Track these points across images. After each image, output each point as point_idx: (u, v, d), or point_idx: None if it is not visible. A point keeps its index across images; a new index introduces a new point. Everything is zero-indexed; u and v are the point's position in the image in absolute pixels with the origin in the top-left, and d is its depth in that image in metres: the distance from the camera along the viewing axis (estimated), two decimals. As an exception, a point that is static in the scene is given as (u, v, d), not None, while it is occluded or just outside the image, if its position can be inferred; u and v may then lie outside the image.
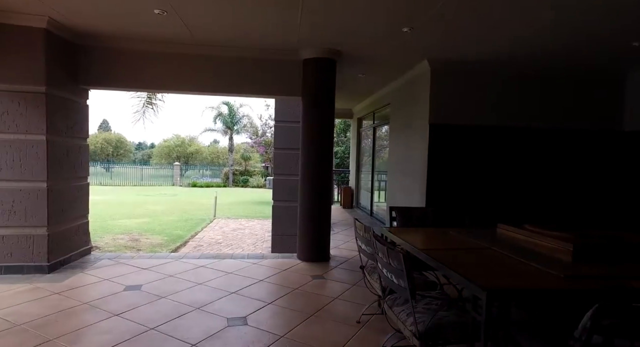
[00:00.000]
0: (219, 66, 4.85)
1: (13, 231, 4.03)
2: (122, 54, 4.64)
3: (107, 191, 21.44)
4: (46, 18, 3.89)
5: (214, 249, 7.96)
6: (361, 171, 10.33)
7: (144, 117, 9.36)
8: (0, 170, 3.98)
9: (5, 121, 3.96)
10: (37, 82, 4.01)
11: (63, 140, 4.34)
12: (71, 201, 4.52)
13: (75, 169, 4.61)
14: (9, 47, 3.95)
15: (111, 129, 53.26)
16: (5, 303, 3.29)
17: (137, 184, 26.80)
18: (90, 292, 3.61)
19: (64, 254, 4.36)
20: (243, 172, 29.32)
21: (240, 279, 4.14)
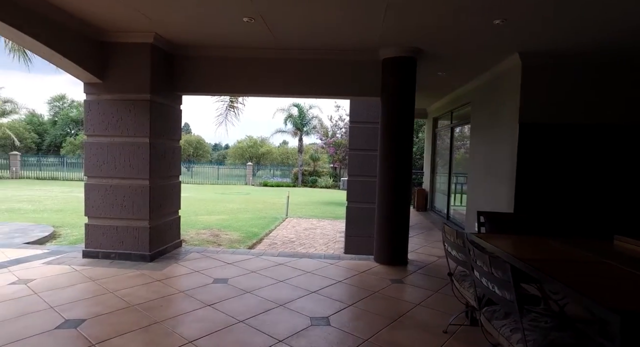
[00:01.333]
0: (300, 69, 4.97)
1: (123, 222, 4.57)
2: (211, 61, 4.99)
3: (188, 188, 23.39)
4: (152, 34, 4.34)
5: (287, 248, 8.22)
6: (436, 173, 9.89)
7: (226, 120, 10.02)
8: (115, 169, 4.53)
9: (120, 126, 4.51)
10: (143, 91, 4.49)
11: (161, 142, 4.80)
12: (167, 197, 4.98)
13: (170, 168, 5.08)
14: (124, 62, 4.49)
15: (191, 131, 58.18)
16: (122, 285, 3.74)
17: (213, 182, 28.80)
18: (184, 282, 3.93)
19: (161, 245, 4.82)
20: (312, 173, 29.94)
21: (319, 278, 4.19)
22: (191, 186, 25.18)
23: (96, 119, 4.57)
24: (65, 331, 2.77)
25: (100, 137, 4.58)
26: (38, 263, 4.41)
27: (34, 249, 5.88)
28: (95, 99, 4.58)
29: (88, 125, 4.60)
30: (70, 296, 3.43)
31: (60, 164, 28.98)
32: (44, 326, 2.84)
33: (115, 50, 4.49)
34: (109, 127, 4.55)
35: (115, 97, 4.54)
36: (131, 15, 3.86)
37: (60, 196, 15.62)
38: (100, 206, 4.60)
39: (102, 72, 4.48)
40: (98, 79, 4.46)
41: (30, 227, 7.98)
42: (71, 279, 3.91)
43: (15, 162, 24.58)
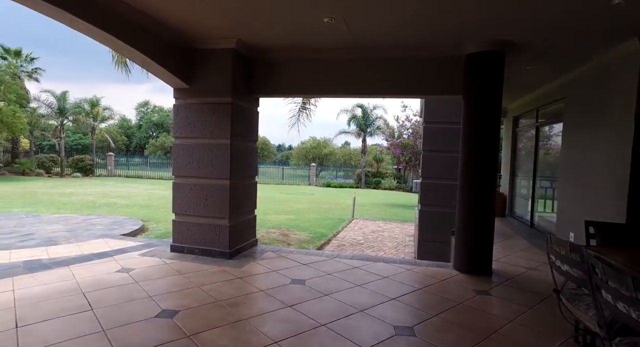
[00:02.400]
0: (377, 68, 4.85)
1: (206, 220, 4.82)
2: (289, 63, 5.06)
3: None
4: (235, 39, 4.52)
5: (356, 250, 8.12)
6: (517, 176, 9.09)
7: (299, 121, 10.26)
8: (199, 169, 4.81)
9: (204, 128, 4.77)
10: (226, 94, 4.70)
11: (241, 143, 4.98)
12: (245, 197, 5.17)
13: (248, 169, 5.26)
14: (208, 68, 4.74)
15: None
16: (206, 280, 3.93)
17: (278, 182, 29.69)
18: (263, 281, 4.02)
19: (239, 243, 5.00)
20: (375, 174, 29.52)
21: (397, 284, 4.03)
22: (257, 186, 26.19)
23: (183, 122, 4.89)
24: (163, 320, 2.96)
25: (186, 139, 4.89)
26: (135, 254, 4.83)
27: (129, 240, 6.51)
28: (182, 103, 4.90)
29: (176, 127, 4.93)
30: (163, 288, 3.69)
31: (144, 164, 32.07)
32: (145, 313, 3.07)
33: (200, 57, 4.75)
34: (194, 129, 4.84)
35: (199, 101, 4.82)
36: (217, 22, 4.06)
37: (145, 192, 17.22)
38: (185, 204, 4.91)
39: (189, 78, 4.77)
40: (185, 84, 4.76)
41: (124, 220, 8.86)
42: (162, 271, 4.20)
43: (110, 162, 27.68)
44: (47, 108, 25.75)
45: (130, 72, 6.90)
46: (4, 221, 8.16)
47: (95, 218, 8.97)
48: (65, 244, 6.31)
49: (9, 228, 7.42)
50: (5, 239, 6.53)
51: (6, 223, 7.93)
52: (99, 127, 29.72)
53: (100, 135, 30.75)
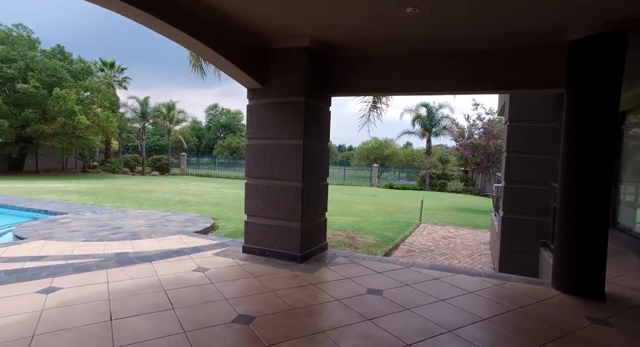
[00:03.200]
0: (460, 62, 4.41)
1: (277, 222, 4.76)
2: (363, 60, 4.81)
3: None
4: (308, 37, 4.39)
5: (427, 257, 7.63)
6: (621, 181, 7.87)
7: (369, 121, 10.00)
8: (272, 170, 4.76)
9: (277, 129, 4.71)
10: (299, 93, 4.59)
11: (313, 144, 4.84)
12: (316, 200, 5.02)
13: (320, 170, 5.10)
14: (281, 67, 4.67)
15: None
16: (279, 284, 3.83)
17: (339, 183, 29.60)
18: (338, 289, 3.81)
19: (310, 247, 4.87)
20: (440, 176, 28.16)
21: (486, 302, 3.58)
22: (319, 186, 26.34)
23: (256, 122, 4.88)
24: (240, 326, 2.89)
25: (259, 140, 4.87)
26: (209, 254, 4.93)
27: (202, 238, 6.75)
28: (255, 103, 4.90)
29: (249, 128, 4.94)
30: (238, 290, 3.65)
31: (212, 163, 34.04)
32: (223, 316, 3.02)
33: (274, 56, 4.70)
34: (267, 130, 4.80)
35: (272, 101, 4.77)
36: (292, 20, 3.95)
37: (214, 191, 18.11)
38: (257, 206, 4.89)
39: (263, 78, 4.74)
40: (259, 85, 4.74)
41: (197, 218, 9.29)
42: (236, 272, 4.20)
43: (183, 161, 29.77)
44: (133, 112, 28.45)
45: (205, 75, 7.18)
46: (99, 214, 9.00)
47: (171, 215, 9.52)
48: (146, 238, 6.73)
49: (103, 221, 8.14)
50: (100, 231, 7.15)
51: (101, 216, 8.72)
52: (174, 129, 32.12)
53: (175, 136, 33.20)
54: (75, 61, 22.50)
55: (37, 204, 10.40)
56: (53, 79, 20.11)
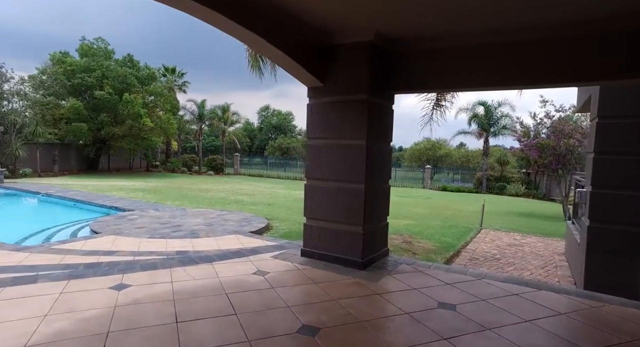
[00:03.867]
0: (544, 51, 3.90)
1: (338, 226, 4.56)
2: (433, 54, 4.46)
3: None
4: (373, 31, 4.14)
5: (493, 267, 7.02)
6: None
7: (431, 120, 9.52)
8: (332, 171, 4.58)
9: (338, 128, 4.52)
10: (361, 91, 4.35)
11: (376, 144, 4.59)
12: (379, 203, 4.75)
13: (382, 172, 4.83)
14: (343, 63, 4.47)
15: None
16: (342, 292, 3.63)
17: (390, 184, 28.79)
18: (405, 301, 3.52)
19: (372, 253, 4.61)
20: (498, 178, 26.43)
21: (585, 328, 3.09)
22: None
23: (317, 122, 4.72)
24: (305, 337, 2.72)
25: (320, 140, 4.71)
26: (268, 256, 4.86)
27: (257, 238, 6.77)
28: (316, 102, 4.74)
29: (310, 128, 4.79)
30: (300, 297, 3.50)
31: (263, 164, 34.84)
32: (286, 326, 2.88)
33: (335, 52, 4.51)
34: (328, 129, 4.62)
35: (333, 99, 4.58)
36: (357, 13, 3.72)
37: (266, 191, 18.43)
38: (317, 208, 4.73)
39: (324, 75, 4.57)
40: (320, 82, 4.57)
41: (251, 218, 9.40)
42: (296, 278, 4.06)
43: (236, 161, 30.81)
44: (191, 115, 29.98)
45: (262, 76, 7.21)
46: (161, 212, 9.44)
47: (227, 214, 9.73)
48: (205, 237, 6.87)
49: (164, 219, 8.50)
50: (162, 228, 7.45)
51: (163, 214, 9.14)
52: (228, 130, 33.34)
53: (229, 137, 34.45)
54: (142, 68, 24.13)
55: (108, 200, 11.18)
56: (123, 85, 21.73)
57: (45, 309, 3.01)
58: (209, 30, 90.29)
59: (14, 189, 13.46)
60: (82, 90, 21.41)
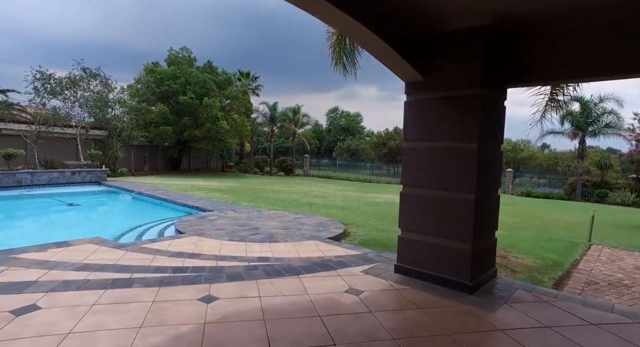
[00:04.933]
0: None
1: (440, 241, 3.95)
2: (560, 37, 3.63)
3: None
4: (492, 13, 3.46)
5: (622, 294, 5.75)
6: None
7: (543, 118, 8.36)
8: (435, 178, 3.97)
9: (442, 129, 3.90)
10: (473, 85, 3.70)
11: (487, 147, 3.88)
12: (488, 215, 4.04)
13: (493, 180, 4.10)
14: (451, 54, 3.85)
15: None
16: (456, 325, 3.02)
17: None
18: (541, 345, 2.80)
19: (481, 274, 3.92)
20: (598, 184, 23.10)
21: None
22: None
23: (417, 122, 4.16)
24: (426, 388, 2.20)
25: (420, 142, 4.13)
26: (357, 270, 4.39)
27: (336, 245, 6.38)
28: (415, 99, 4.18)
29: (407, 128, 4.24)
30: (405, 327, 2.97)
31: (331, 165, 34.74)
32: (399, 370, 2.39)
33: (442, 41, 3.91)
34: (429, 130, 4.03)
35: (437, 96, 3.98)
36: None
37: (337, 193, 18.11)
38: (414, 219, 4.16)
39: (426, 68, 3.99)
40: (421, 76, 4.00)
41: (327, 222, 9.06)
42: (395, 300, 3.54)
43: (306, 163, 31.12)
44: (263, 117, 30.99)
45: (348, 73, 6.81)
46: (239, 213, 9.55)
47: (302, 217, 9.51)
48: (283, 242, 6.66)
49: (242, 220, 8.53)
50: (241, 231, 7.43)
51: (240, 215, 9.22)
52: (298, 131, 33.86)
53: (299, 139, 34.97)
54: (220, 73, 25.44)
55: (190, 200, 11.69)
56: (203, 90, 23.09)
57: (139, 319, 2.89)
58: (278, 36, 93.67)
59: (114, 187, 14.84)
60: (168, 96, 23.18)
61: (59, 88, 18.71)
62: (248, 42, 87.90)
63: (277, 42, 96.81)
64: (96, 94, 19.95)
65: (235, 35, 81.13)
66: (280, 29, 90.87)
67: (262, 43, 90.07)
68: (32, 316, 2.90)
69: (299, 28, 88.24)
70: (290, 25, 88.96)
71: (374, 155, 41.89)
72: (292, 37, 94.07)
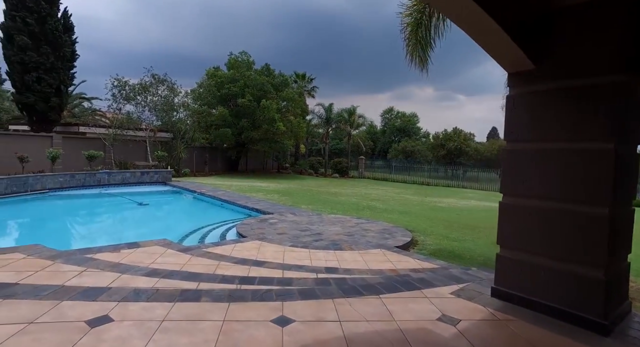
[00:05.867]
0: None
1: (557, 264, 3.20)
2: None
3: None
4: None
5: None
6: None
7: None
8: (548, 186, 3.24)
9: (560, 126, 3.16)
10: (607, 70, 2.93)
11: (625, 149, 3.07)
12: (623, 233, 3.21)
13: (629, 188, 3.27)
14: (575, 33, 3.11)
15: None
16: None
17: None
18: None
19: (615, 309, 3.10)
20: None
21: None
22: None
23: (521, 119, 3.45)
24: None
25: (527, 144, 3.42)
26: (446, 291, 3.76)
27: (406, 256, 5.84)
28: (522, 92, 3.47)
29: (510, 127, 3.54)
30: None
31: (386, 167, 33.68)
32: None
33: (562, 19, 3.18)
34: (540, 128, 3.31)
35: (552, 86, 3.25)
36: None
37: (395, 197, 17.29)
38: (519, 235, 3.45)
39: (537, 54, 3.28)
40: (531, 64, 3.30)
41: (391, 228, 8.43)
42: (504, 336, 2.88)
43: (361, 164, 30.50)
44: (318, 118, 30.90)
45: (424, 65, 6.18)
46: (298, 217, 9.26)
47: (365, 223, 8.98)
48: (348, 250, 6.19)
49: (303, 225, 8.21)
50: (303, 236, 7.09)
51: (301, 219, 8.91)
52: (352, 133, 33.32)
53: (354, 140, 34.43)
54: (277, 75, 25.75)
55: (250, 202, 11.67)
56: (261, 92, 23.48)
57: (210, 342, 2.58)
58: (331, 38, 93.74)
59: (178, 187, 15.43)
60: (228, 98, 23.88)
61: (132, 94, 20.02)
62: (301, 45, 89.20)
63: (330, 44, 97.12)
64: (163, 99, 21.08)
65: (289, 38, 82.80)
66: (333, 31, 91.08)
67: (315, 45, 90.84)
68: (105, 329, 2.72)
69: (351, 31, 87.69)
70: (343, 26, 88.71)
71: (430, 157, 40.10)
72: (345, 39, 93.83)
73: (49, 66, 18.23)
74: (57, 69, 18.64)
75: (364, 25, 67.48)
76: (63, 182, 13.16)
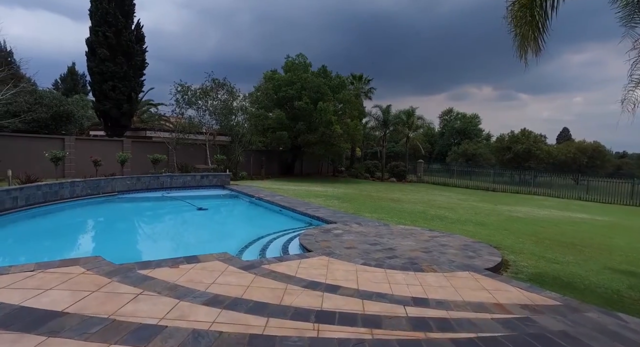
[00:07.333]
0: None
1: None
2: None
3: (585, 207, 18.14)
4: None
5: None
6: None
7: None
8: None
9: None
10: None
11: None
12: None
13: None
14: None
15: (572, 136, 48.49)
16: None
17: (621, 202, 21.40)
18: None
19: None
20: None
21: None
22: (588, 205, 19.63)
23: None
24: None
25: None
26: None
27: (505, 284, 4.72)
28: None
29: None
30: None
31: (444, 171, 31.60)
32: None
33: None
34: None
35: None
36: None
37: (463, 204, 15.77)
38: None
39: None
40: None
41: (474, 244, 7.26)
42: None
43: (420, 168, 28.89)
44: (375, 120, 29.82)
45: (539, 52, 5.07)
46: (364, 227, 8.41)
47: (440, 236, 7.90)
48: (431, 272, 5.22)
49: (371, 237, 7.35)
50: (374, 251, 6.25)
51: (367, 230, 8.06)
52: (410, 135, 31.76)
53: (412, 143, 32.82)
54: (334, 77, 25.17)
55: (310, 209, 11.04)
56: (317, 94, 23.02)
57: None
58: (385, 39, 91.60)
59: (236, 191, 15.34)
60: (284, 101, 23.75)
61: (194, 98, 20.55)
62: (356, 47, 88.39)
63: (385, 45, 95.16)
64: (222, 103, 21.40)
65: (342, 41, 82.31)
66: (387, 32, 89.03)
67: (370, 46, 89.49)
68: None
69: (403, 34, 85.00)
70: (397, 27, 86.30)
71: (494, 160, 37.14)
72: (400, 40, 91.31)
73: (122, 75, 19.30)
74: (129, 77, 19.70)
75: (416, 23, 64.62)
76: (130, 185, 13.58)
